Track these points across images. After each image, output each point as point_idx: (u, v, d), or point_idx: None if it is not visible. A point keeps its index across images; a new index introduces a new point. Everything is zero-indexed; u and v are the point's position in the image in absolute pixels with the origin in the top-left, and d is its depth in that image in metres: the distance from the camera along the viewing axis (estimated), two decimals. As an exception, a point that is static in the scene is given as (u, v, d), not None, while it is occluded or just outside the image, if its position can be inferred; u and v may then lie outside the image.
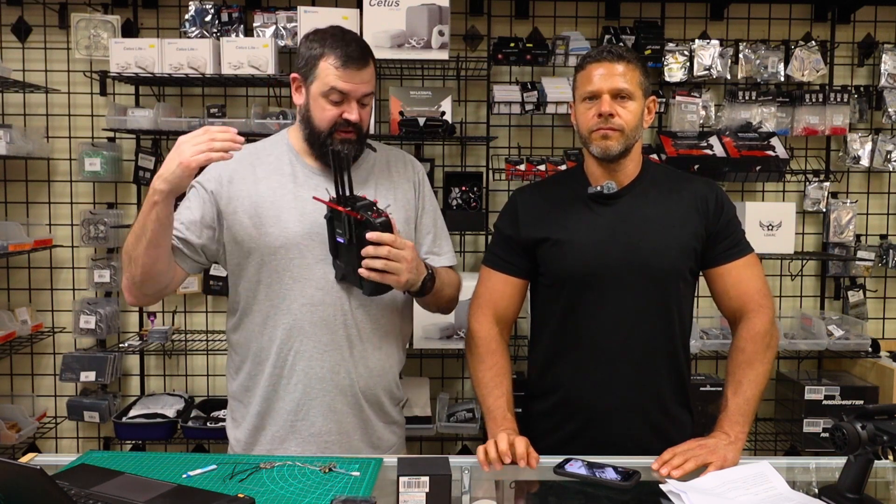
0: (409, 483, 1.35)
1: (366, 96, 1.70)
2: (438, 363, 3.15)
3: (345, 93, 1.66)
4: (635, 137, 1.72)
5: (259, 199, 1.72)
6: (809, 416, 2.93)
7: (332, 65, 1.65)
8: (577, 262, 1.72)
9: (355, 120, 1.68)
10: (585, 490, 1.50)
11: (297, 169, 1.76)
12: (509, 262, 1.81)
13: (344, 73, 1.65)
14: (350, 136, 1.69)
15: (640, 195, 1.75)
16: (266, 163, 1.77)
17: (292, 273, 1.71)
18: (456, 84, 3.12)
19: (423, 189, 1.88)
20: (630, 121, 1.68)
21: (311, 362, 1.73)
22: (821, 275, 3.22)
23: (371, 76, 1.70)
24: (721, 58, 3.00)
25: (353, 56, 1.65)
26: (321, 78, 1.67)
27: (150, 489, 1.40)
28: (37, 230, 3.01)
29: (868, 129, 3.15)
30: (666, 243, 1.71)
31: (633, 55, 1.72)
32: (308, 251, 1.71)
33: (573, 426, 1.76)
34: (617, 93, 1.67)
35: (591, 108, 1.69)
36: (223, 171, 1.74)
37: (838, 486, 1.40)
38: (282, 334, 1.73)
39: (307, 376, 1.73)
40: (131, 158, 3.04)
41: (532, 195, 1.85)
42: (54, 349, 3.15)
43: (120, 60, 2.80)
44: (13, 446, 2.89)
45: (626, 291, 1.70)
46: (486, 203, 3.00)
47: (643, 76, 1.71)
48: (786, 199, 3.17)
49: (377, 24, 2.71)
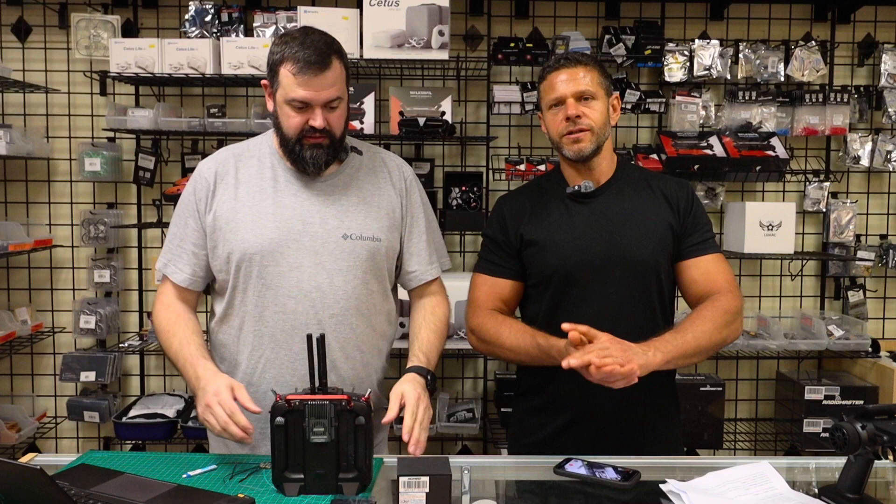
0: (409, 483, 1.35)
1: (332, 101, 1.62)
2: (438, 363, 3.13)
3: (305, 100, 1.60)
4: (605, 135, 1.78)
5: (238, 204, 1.70)
6: (809, 416, 2.93)
7: (290, 71, 1.59)
8: (559, 260, 1.76)
9: (320, 126, 1.62)
10: (585, 490, 1.50)
11: (279, 172, 1.73)
12: (501, 266, 1.85)
13: (302, 80, 1.58)
14: (320, 141, 1.64)
15: (616, 192, 1.80)
16: (248, 165, 1.74)
17: (265, 280, 1.68)
18: (456, 84, 3.12)
19: (412, 195, 1.82)
20: (597, 119, 1.74)
21: (281, 370, 1.71)
22: (821, 275, 3.22)
23: (336, 78, 1.62)
24: (721, 58, 3.00)
25: (310, 61, 1.57)
26: (283, 85, 1.61)
27: (150, 489, 1.40)
28: (37, 230, 3.01)
29: (868, 129, 3.15)
30: (644, 237, 1.75)
31: (589, 58, 1.79)
32: (283, 258, 1.67)
33: (562, 421, 1.79)
34: (580, 95, 1.73)
35: (557, 113, 1.76)
36: (209, 176, 1.73)
37: (838, 486, 1.40)
38: (253, 341, 1.71)
39: (277, 384, 1.70)
40: (131, 158, 3.04)
41: (515, 200, 1.90)
42: (54, 349, 3.15)
43: (120, 60, 2.80)
44: (13, 446, 2.89)
45: (608, 285, 1.74)
46: (486, 203, 3.00)
47: (603, 76, 1.78)
48: (786, 199, 3.17)
49: (377, 24, 2.71)
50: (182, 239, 1.75)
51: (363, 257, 1.71)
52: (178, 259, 1.75)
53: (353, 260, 1.70)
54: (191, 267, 1.74)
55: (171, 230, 1.78)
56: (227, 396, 1.52)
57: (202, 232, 1.73)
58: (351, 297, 1.70)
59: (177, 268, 1.75)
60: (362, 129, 2.88)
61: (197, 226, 1.73)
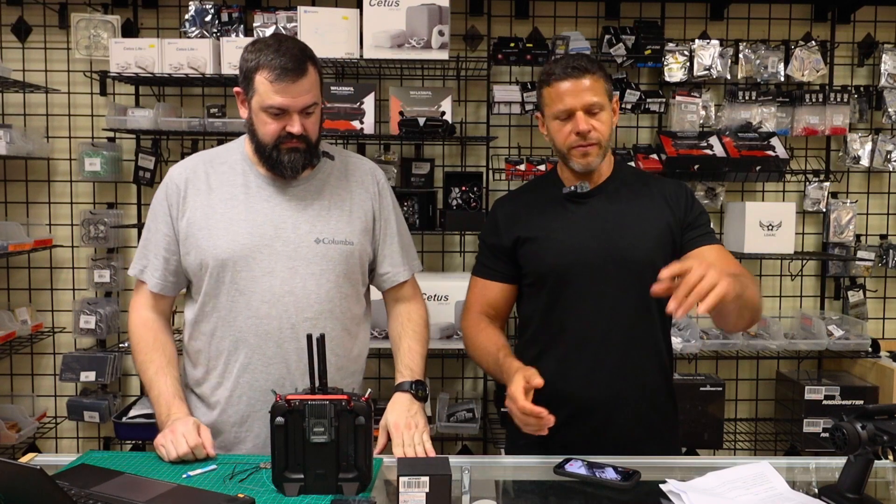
0: (409, 483, 1.35)
1: (308, 107, 1.64)
2: (438, 363, 3.15)
3: (283, 107, 1.62)
4: (610, 144, 1.79)
5: (210, 210, 1.71)
6: (809, 416, 2.93)
7: (266, 79, 1.60)
8: (556, 258, 1.77)
9: (298, 132, 1.63)
10: (585, 490, 1.50)
11: (250, 179, 1.73)
12: (495, 270, 1.87)
13: (279, 87, 1.59)
14: (297, 146, 1.66)
15: (612, 193, 1.81)
16: (219, 172, 1.75)
17: (238, 285, 1.69)
18: (456, 84, 3.12)
19: (383, 199, 1.84)
20: (605, 131, 1.74)
21: (255, 375, 1.71)
22: (821, 275, 3.22)
23: (312, 85, 1.64)
24: (721, 58, 3.00)
25: (287, 68, 1.59)
26: (259, 93, 1.62)
27: (150, 489, 1.40)
28: (37, 230, 3.01)
29: (868, 129, 3.15)
30: (640, 235, 1.76)
31: (594, 64, 1.74)
32: (255, 263, 1.68)
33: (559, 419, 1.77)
34: (589, 108, 1.71)
35: (565, 125, 1.73)
36: (180, 183, 1.74)
37: (838, 486, 1.40)
38: (228, 346, 1.72)
39: (252, 388, 1.72)
40: (131, 158, 3.04)
41: (510, 203, 1.91)
42: (54, 349, 3.15)
43: (120, 60, 2.80)
44: (13, 446, 2.89)
45: (605, 284, 1.74)
46: (486, 203, 2.99)
47: (607, 82, 1.75)
48: (786, 199, 3.17)
49: (377, 24, 2.71)
50: (155, 244, 1.76)
51: (336, 261, 1.73)
52: (151, 265, 1.77)
53: (326, 264, 1.72)
54: (161, 271, 1.76)
55: (144, 235, 1.79)
56: (193, 435, 1.59)
57: (174, 238, 1.74)
58: (324, 301, 1.72)
59: (150, 273, 1.77)
60: (362, 129, 2.88)
61: (169, 231, 1.74)
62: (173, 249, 1.75)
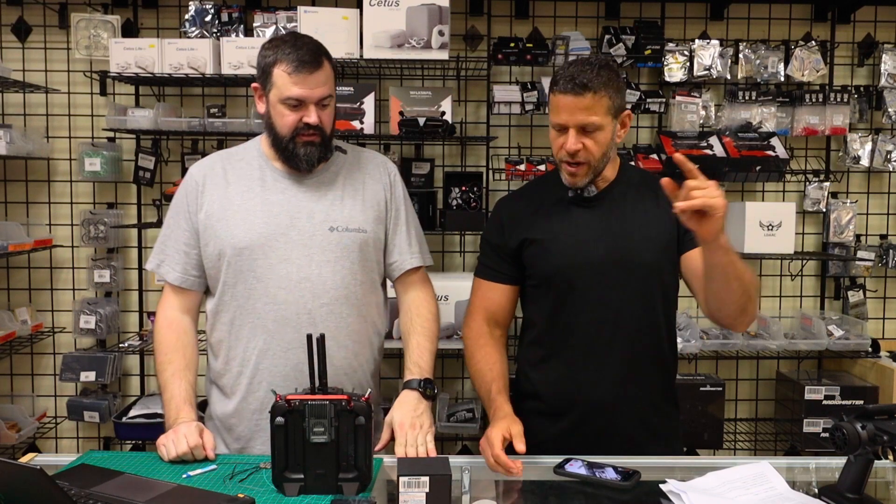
0: (409, 483, 1.35)
1: (324, 98, 1.71)
2: (438, 363, 3.10)
3: (301, 98, 1.68)
4: (605, 161, 1.73)
5: (227, 202, 1.77)
6: (809, 416, 2.93)
7: (285, 71, 1.67)
8: (562, 261, 1.76)
9: (314, 123, 1.70)
10: (585, 490, 1.50)
11: (266, 173, 1.80)
12: (499, 271, 1.86)
13: (297, 78, 1.67)
14: (313, 139, 1.72)
15: (618, 196, 1.80)
16: (237, 167, 1.81)
17: (255, 273, 1.74)
18: (456, 84, 3.12)
19: (395, 190, 1.89)
20: (596, 151, 1.69)
21: (275, 360, 1.75)
22: (821, 275, 3.22)
23: (327, 78, 1.71)
24: (721, 58, 3.00)
25: (304, 60, 1.66)
26: (277, 85, 1.69)
27: (150, 489, 1.40)
28: (37, 230, 3.01)
29: (868, 129, 3.15)
30: (646, 239, 1.75)
31: (600, 80, 1.64)
32: (272, 251, 1.73)
33: (564, 423, 1.79)
34: (583, 127, 1.67)
35: (559, 137, 1.71)
36: (198, 179, 1.80)
37: (838, 486, 1.40)
38: (248, 332, 1.76)
39: (271, 374, 1.75)
40: (131, 158, 3.04)
41: (514, 202, 1.90)
42: (54, 349, 3.15)
43: (120, 60, 2.80)
44: (13, 446, 2.89)
45: (611, 287, 1.74)
46: (486, 203, 2.99)
47: (614, 97, 1.67)
48: (786, 199, 3.17)
49: (377, 24, 2.71)
50: (174, 239, 1.81)
51: (350, 248, 1.77)
52: (170, 258, 1.82)
53: (341, 251, 1.76)
54: (181, 265, 1.81)
55: (163, 232, 1.85)
56: (195, 435, 1.61)
57: (194, 231, 1.79)
58: (340, 287, 1.76)
59: (169, 267, 1.81)
60: (362, 128, 2.88)
61: (188, 226, 1.80)
62: (193, 243, 1.79)
